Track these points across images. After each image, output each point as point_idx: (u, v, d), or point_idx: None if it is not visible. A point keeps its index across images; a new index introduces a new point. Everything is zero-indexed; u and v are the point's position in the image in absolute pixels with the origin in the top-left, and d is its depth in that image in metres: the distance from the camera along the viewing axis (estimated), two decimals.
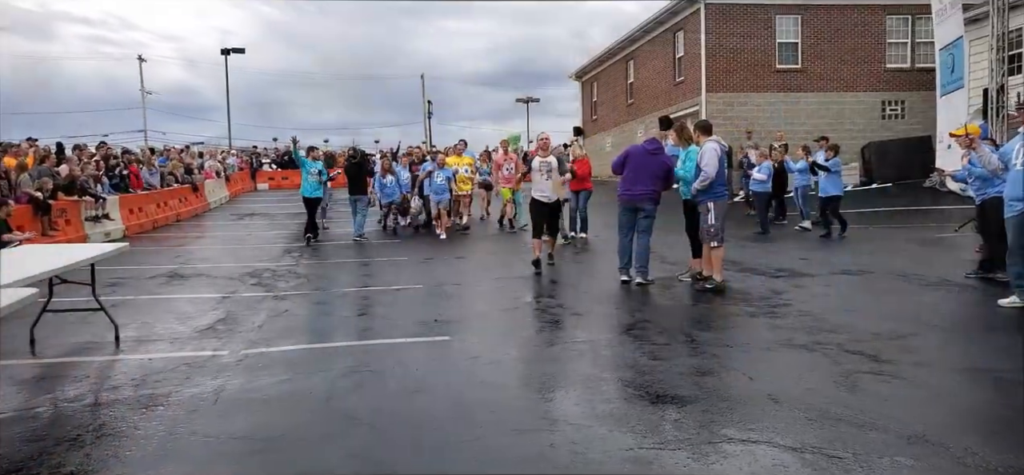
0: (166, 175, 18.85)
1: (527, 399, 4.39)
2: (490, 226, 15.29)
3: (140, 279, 9.08)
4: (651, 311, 6.86)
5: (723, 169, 7.75)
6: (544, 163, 9.35)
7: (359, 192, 13.47)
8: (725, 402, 4.24)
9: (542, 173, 9.30)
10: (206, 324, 6.52)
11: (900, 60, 23.53)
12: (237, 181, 27.60)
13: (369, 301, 7.62)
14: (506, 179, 14.50)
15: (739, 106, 22.24)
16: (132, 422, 4.07)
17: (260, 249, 12.25)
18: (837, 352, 5.27)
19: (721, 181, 7.72)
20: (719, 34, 22.29)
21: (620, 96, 30.43)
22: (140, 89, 43.69)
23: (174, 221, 17.31)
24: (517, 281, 8.67)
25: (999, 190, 7.55)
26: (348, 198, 13.67)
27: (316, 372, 4.99)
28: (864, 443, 3.62)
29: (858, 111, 23.19)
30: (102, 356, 5.55)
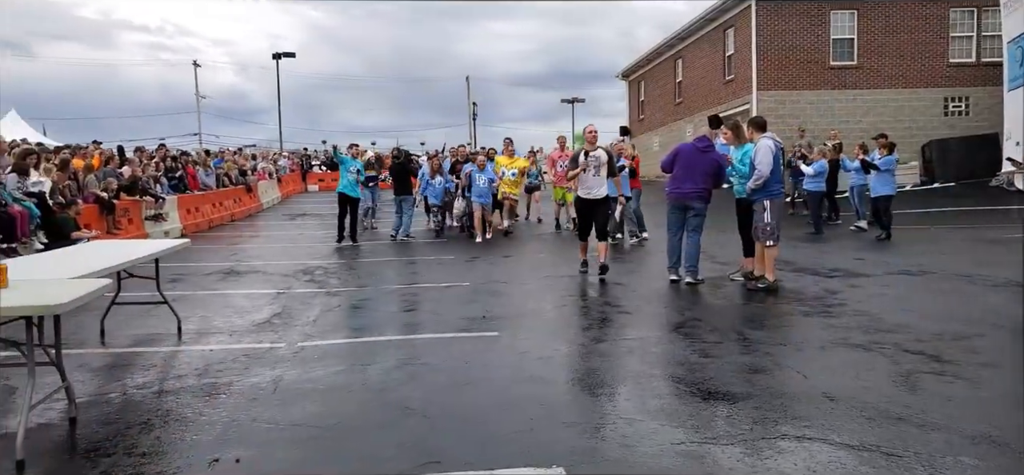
0: (221, 176, 19.41)
1: (576, 394, 4.40)
2: (535, 228, 15.14)
3: (198, 275, 9.39)
4: (701, 310, 6.79)
5: (779, 167, 7.63)
6: (593, 157, 8.39)
7: (404, 192, 13.64)
8: (779, 400, 4.18)
9: (590, 169, 8.36)
10: (263, 318, 6.71)
11: (964, 54, 22.67)
12: (288, 182, 28.26)
13: (417, 298, 7.73)
14: (560, 178, 13.77)
15: (791, 104, 21.79)
16: (197, 409, 4.22)
17: (312, 248, 12.52)
18: (895, 352, 5.14)
19: (776, 179, 7.60)
20: (770, 31, 21.87)
21: (668, 95, 30.12)
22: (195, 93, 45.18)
23: (229, 221, 17.82)
24: (563, 279, 8.68)
25: None
26: (393, 198, 13.84)
27: (369, 364, 5.10)
28: (925, 443, 3.53)
29: (918, 109, 22.46)
30: (166, 347, 5.77)
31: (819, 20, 22.02)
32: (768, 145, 7.51)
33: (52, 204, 11.18)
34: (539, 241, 13.11)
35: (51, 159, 13.17)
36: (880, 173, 11.92)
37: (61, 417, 4.11)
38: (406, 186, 13.76)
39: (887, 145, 12.40)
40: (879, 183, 11.95)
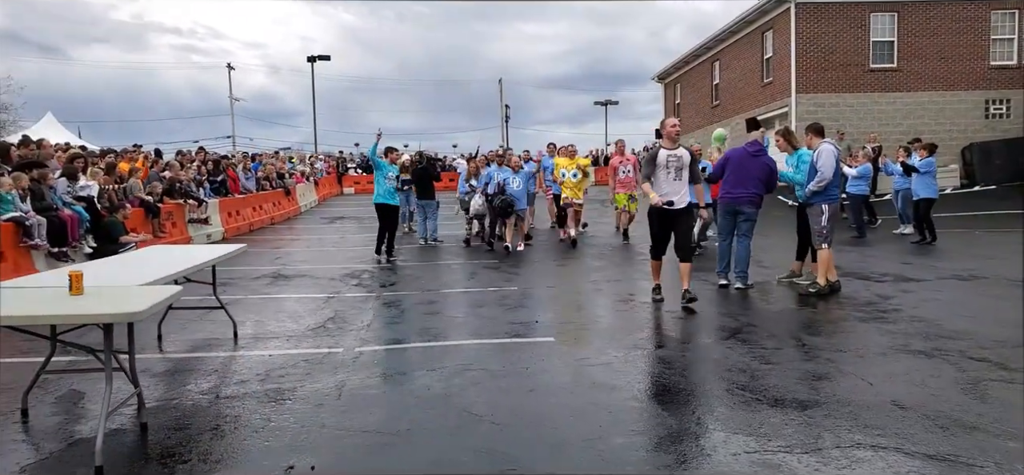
0: (261, 180, 19.70)
1: (640, 400, 4.40)
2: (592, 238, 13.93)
3: (246, 279, 9.54)
4: (756, 315, 6.74)
5: (838, 171, 7.65)
6: (672, 157, 7.07)
7: (428, 197, 13.58)
8: (847, 407, 4.14)
9: (669, 171, 7.04)
10: (317, 323, 6.80)
11: (1006, 57, 22.25)
12: (324, 185, 28.57)
13: (469, 301, 7.77)
14: (622, 183, 13.04)
15: (830, 107, 21.51)
16: (264, 415, 4.30)
17: (354, 251, 12.64)
18: (960, 358, 5.06)
19: (835, 184, 7.62)
20: (810, 34, 21.63)
21: (705, 98, 29.91)
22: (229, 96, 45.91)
23: (268, 224, 18.08)
24: (616, 283, 8.66)
25: None
26: (417, 203, 13.81)
27: (429, 369, 5.14)
28: (1005, 452, 3.48)
29: (959, 111, 22.05)
30: (224, 352, 5.87)
31: (859, 23, 21.73)
32: (830, 150, 7.56)
33: (100, 208, 11.44)
34: (600, 254, 12.73)
35: (97, 163, 13.49)
36: (921, 176, 11.75)
37: (132, 423, 4.17)
38: (429, 191, 13.69)
39: (928, 146, 12.22)
40: (921, 186, 11.78)
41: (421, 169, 13.99)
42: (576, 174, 12.82)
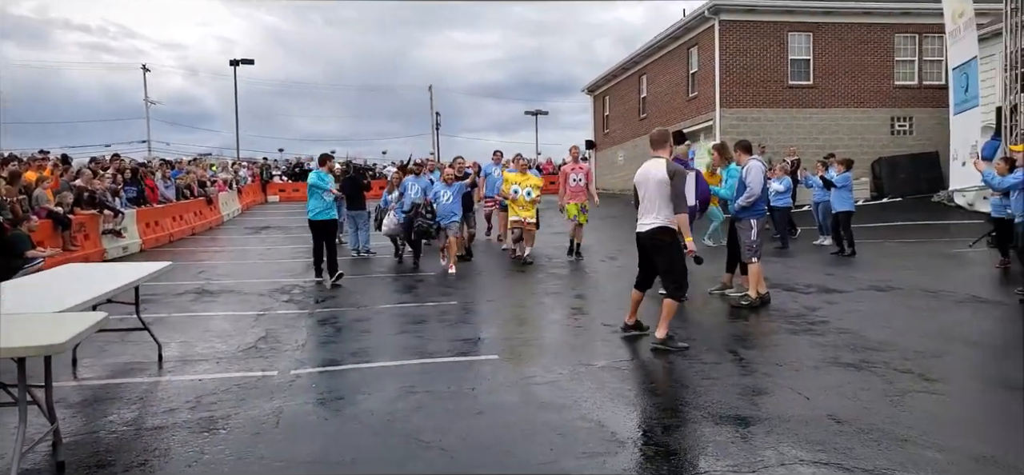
0: (181, 188, 18.89)
1: (589, 420, 4.39)
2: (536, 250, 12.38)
3: (169, 296, 9.09)
4: (693, 328, 6.87)
5: (765, 186, 7.92)
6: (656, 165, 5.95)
7: (358, 207, 13.21)
8: (787, 423, 4.25)
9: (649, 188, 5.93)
10: (248, 343, 6.53)
11: (908, 77, 23.64)
12: (248, 193, 27.66)
13: (408, 318, 7.62)
14: (573, 192, 11.95)
15: (752, 121, 22.29)
16: (197, 447, 4.07)
17: (283, 265, 12.25)
18: (886, 370, 5.29)
19: (763, 198, 7.87)
20: (733, 50, 22.39)
21: (632, 110, 30.54)
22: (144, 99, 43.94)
23: (189, 235, 17.34)
24: (558, 296, 8.68)
25: None
26: (347, 214, 13.30)
27: (372, 392, 5.00)
28: (935, 465, 3.64)
29: (868, 127, 23.27)
30: (148, 377, 5.56)
31: (778, 41, 22.64)
32: (759, 166, 7.79)
33: (2, 220, 10.68)
34: (548, 273, 12.50)
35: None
36: (839, 190, 12.32)
37: (48, 462, 3.86)
38: (359, 201, 13.34)
39: (845, 162, 12.84)
40: (838, 200, 12.34)
41: (350, 178, 13.60)
42: (530, 193, 11.66)
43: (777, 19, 22.52)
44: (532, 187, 11.73)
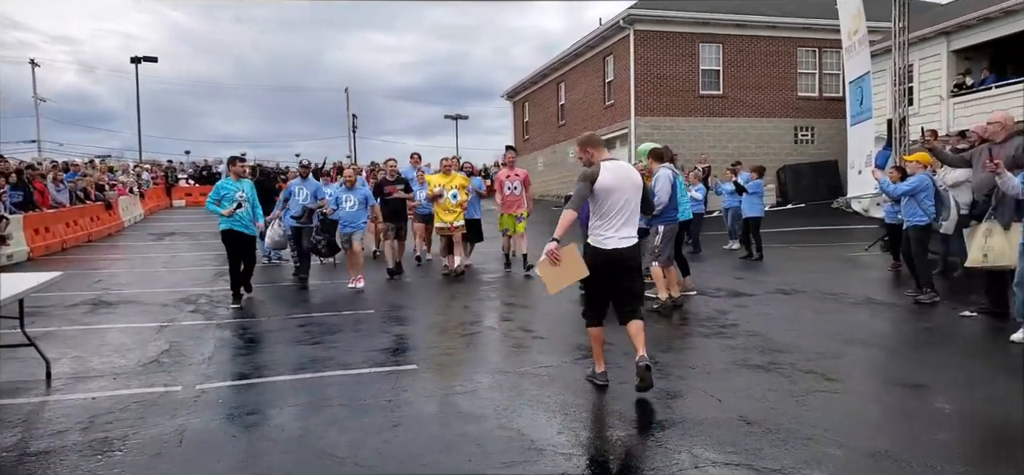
0: (75, 192, 17.77)
1: (508, 429, 4.35)
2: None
3: (60, 307, 8.51)
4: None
5: (675, 195, 8.09)
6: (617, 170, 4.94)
7: (267, 213, 12.75)
8: (700, 425, 4.34)
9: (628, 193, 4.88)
10: (150, 357, 6.17)
11: (810, 89, 24.93)
12: (151, 197, 26.35)
13: (321, 327, 7.40)
14: (508, 201, 11.04)
15: (666, 130, 22.95)
16: (90, 470, 3.80)
17: (188, 272, 11.69)
18: (792, 372, 5.49)
19: (672, 206, 8.03)
20: (647, 60, 23.01)
21: (552, 117, 30.90)
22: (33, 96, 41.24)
23: (86, 242, 16.32)
24: (479, 303, 8.62)
25: (920, 219, 8.16)
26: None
27: (283, 406, 4.81)
28: (837, 462, 3.79)
29: (775, 136, 24.37)
30: (34, 397, 5.15)
31: (690, 51, 23.42)
32: (667, 174, 7.95)
33: None
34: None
35: None
36: (750, 196, 12.81)
37: None
38: (269, 206, 12.84)
39: (757, 169, 13.37)
40: (749, 205, 12.83)
41: (258, 183, 13.13)
42: (455, 195, 10.62)
43: (689, 30, 23.30)
44: (457, 188, 10.71)
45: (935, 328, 7.00)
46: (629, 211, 4.85)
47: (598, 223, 4.83)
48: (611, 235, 4.82)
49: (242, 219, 8.58)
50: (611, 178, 4.79)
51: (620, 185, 4.80)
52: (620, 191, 4.80)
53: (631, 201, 4.86)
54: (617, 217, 4.81)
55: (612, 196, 4.78)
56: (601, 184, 4.76)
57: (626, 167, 4.96)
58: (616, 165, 4.89)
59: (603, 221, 4.81)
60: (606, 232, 4.83)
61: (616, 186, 4.78)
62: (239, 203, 8.47)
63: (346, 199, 9.88)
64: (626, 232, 4.87)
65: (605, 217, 4.80)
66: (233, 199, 8.50)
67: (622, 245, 4.84)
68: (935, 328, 7.00)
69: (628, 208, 4.84)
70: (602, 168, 4.77)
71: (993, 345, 6.31)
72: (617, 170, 4.85)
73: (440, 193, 10.58)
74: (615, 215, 4.80)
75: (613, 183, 4.78)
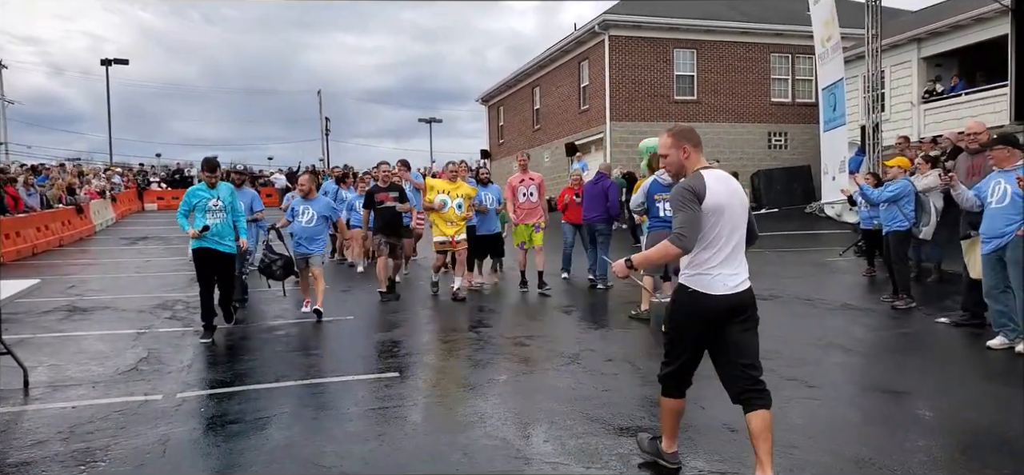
0: (48, 196, 17.44)
1: (494, 437, 4.36)
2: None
3: (34, 314, 8.35)
4: (592, 340, 7.00)
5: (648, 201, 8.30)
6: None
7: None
8: (685, 433, 4.37)
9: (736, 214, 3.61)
10: (128, 365, 6.08)
11: (783, 95, 25.29)
12: (123, 201, 25.93)
13: (303, 334, 7.34)
14: (524, 210, 9.95)
15: (640, 135, 23.07)
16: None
17: (163, 278, 11.52)
18: (774, 378, 5.53)
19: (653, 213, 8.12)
20: (622, 65, 23.16)
21: (527, 122, 30.95)
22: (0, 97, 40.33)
23: (57, 247, 16.01)
24: (462, 308, 8.61)
25: (901, 224, 8.31)
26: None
27: (266, 415, 4.77)
28: (819, 468, 3.86)
29: (749, 141, 24.67)
30: (12, 406, 5.06)
31: (664, 57, 23.63)
32: (645, 183, 8.02)
33: None
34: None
35: None
36: None
37: None
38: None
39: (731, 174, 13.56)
40: None
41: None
42: (460, 205, 9.25)
43: (663, 36, 23.51)
44: (463, 198, 9.29)
45: (912, 334, 7.14)
46: (738, 238, 3.55)
47: (702, 255, 3.48)
48: (721, 272, 3.48)
49: (218, 232, 7.10)
50: (721, 194, 3.45)
51: (730, 202, 3.48)
52: (730, 210, 3.48)
53: (741, 224, 3.56)
54: (725, 246, 3.48)
55: (722, 218, 3.45)
56: (709, 202, 3.41)
57: (728, 177, 3.61)
58: (720, 175, 3.56)
59: (710, 253, 3.47)
60: (713, 269, 3.47)
61: (726, 204, 3.46)
62: (206, 225, 7.03)
63: (302, 211, 8.23)
64: (740, 269, 3.56)
65: (711, 247, 3.47)
66: (206, 208, 7.07)
67: (740, 288, 3.53)
68: (912, 334, 7.14)
69: (738, 234, 3.54)
70: (706, 179, 3.44)
71: (971, 351, 6.45)
72: (725, 183, 3.54)
73: (442, 204, 9.11)
74: (724, 244, 3.47)
75: (723, 200, 3.45)
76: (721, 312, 3.51)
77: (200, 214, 7.06)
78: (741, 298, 3.54)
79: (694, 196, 3.39)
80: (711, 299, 3.48)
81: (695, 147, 3.59)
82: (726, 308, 3.50)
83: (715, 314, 3.51)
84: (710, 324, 3.55)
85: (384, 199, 9.39)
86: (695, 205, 3.38)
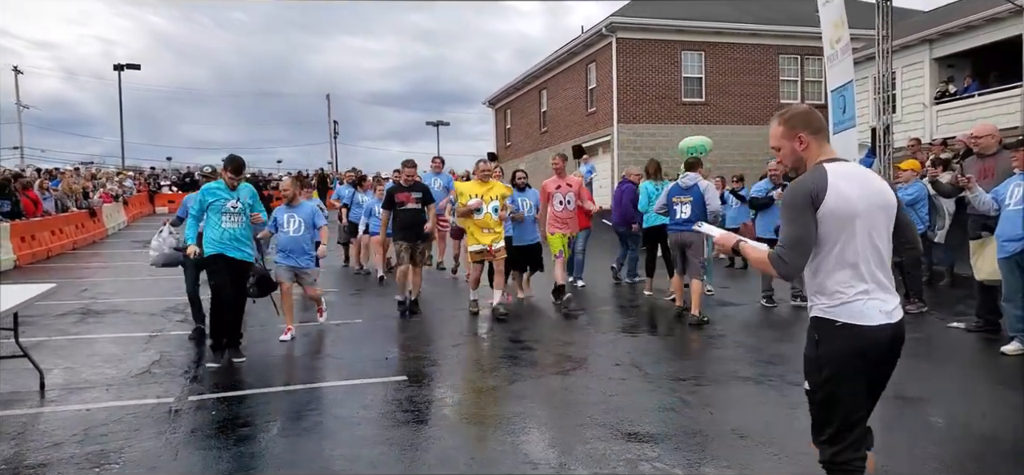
0: (59, 199, 17.61)
1: (502, 442, 4.39)
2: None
3: (49, 317, 8.44)
4: (599, 344, 7.02)
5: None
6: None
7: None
8: (694, 439, 4.40)
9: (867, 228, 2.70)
10: (141, 367, 6.15)
11: (792, 96, 25.17)
12: (135, 204, 26.13)
13: (311, 337, 7.40)
14: (559, 220, 9.07)
15: (648, 137, 23.11)
16: None
17: (174, 281, 11.49)
18: (782, 384, 5.58)
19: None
20: (629, 67, 23.15)
21: (533, 124, 30.98)
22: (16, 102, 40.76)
23: (71, 250, 16.17)
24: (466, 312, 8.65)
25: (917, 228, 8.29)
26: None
27: (277, 418, 4.82)
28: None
29: (757, 143, 24.54)
30: (29, 408, 5.14)
31: (672, 59, 23.60)
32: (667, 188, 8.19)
33: None
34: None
35: None
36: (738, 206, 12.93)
37: None
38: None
39: (738, 177, 13.52)
40: (735, 215, 12.95)
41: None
42: (498, 208, 8.39)
43: (671, 38, 23.48)
44: (498, 200, 8.42)
45: (924, 338, 7.10)
46: (883, 249, 2.69)
47: (839, 275, 2.64)
48: (871, 295, 2.65)
49: (234, 237, 6.35)
50: (851, 193, 2.61)
51: (865, 203, 2.63)
52: (867, 214, 2.64)
53: (884, 231, 2.70)
54: (867, 260, 2.64)
55: (855, 225, 2.62)
56: (833, 206, 2.59)
57: (865, 172, 2.77)
58: (852, 169, 2.75)
59: (848, 271, 2.64)
60: (859, 292, 2.63)
61: (860, 206, 2.61)
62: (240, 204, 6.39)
63: (287, 220, 7.31)
64: (892, 290, 2.72)
65: (847, 263, 2.63)
66: (223, 209, 6.32)
67: (897, 315, 2.69)
68: (924, 338, 7.10)
69: (881, 243, 2.68)
70: (829, 175, 2.62)
71: (984, 356, 6.41)
72: (858, 178, 2.69)
73: (477, 207, 8.29)
74: (863, 258, 2.63)
75: (855, 200, 2.61)
76: (883, 348, 2.67)
77: (215, 215, 6.32)
78: (898, 330, 2.69)
79: (808, 200, 2.59)
80: (869, 331, 2.62)
81: (815, 135, 2.77)
82: (887, 342, 2.66)
83: (877, 351, 2.66)
84: (870, 365, 2.68)
85: (406, 200, 8.52)
86: (808, 214, 2.58)
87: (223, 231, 6.32)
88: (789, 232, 2.62)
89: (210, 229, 6.35)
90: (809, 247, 2.62)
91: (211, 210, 6.36)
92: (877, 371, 2.72)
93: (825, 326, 2.68)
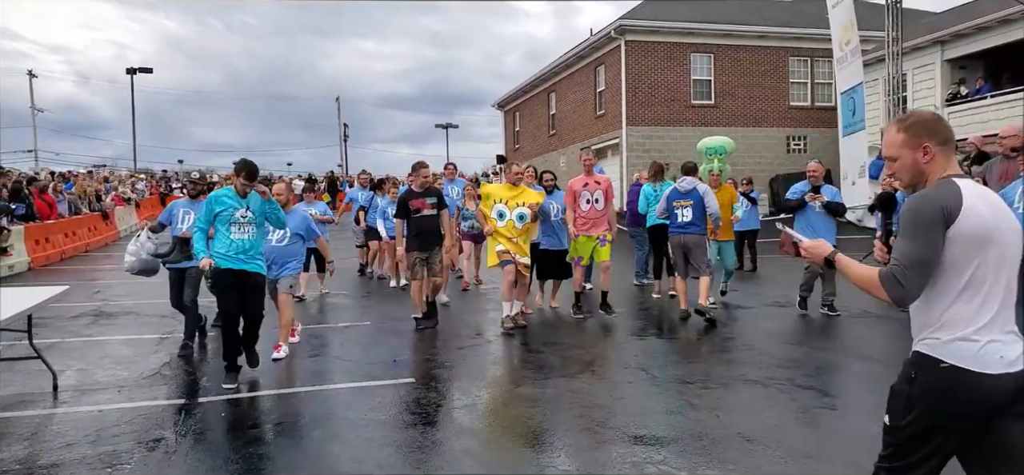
0: (73, 202, 17.78)
1: (511, 446, 4.42)
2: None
3: (62, 319, 8.53)
4: (606, 346, 7.03)
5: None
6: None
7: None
8: (700, 442, 4.41)
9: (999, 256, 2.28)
10: (151, 369, 6.22)
11: (802, 98, 25.12)
12: (146, 207, 26.30)
13: (319, 339, 7.45)
14: (586, 220, 8.26)
15: (657, 139, 23.09)
16: None
17: None
18: (790, 387, 5.57)
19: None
20: (638, 70, 23.15)
21: (542, 126, 31.02)
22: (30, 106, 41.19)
23: (83, 252, 16.33)
24: (473, 315, 8.67)
25: None
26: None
27: (287, 420, 4.86)
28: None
29: (767, 145, 24.53)
30: (42, 409, 5.21)
31: (681, 61, 23.59)
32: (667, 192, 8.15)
33: None
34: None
35: None
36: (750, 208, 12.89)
37: None
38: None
39: (747, 179, 13.48)
40: (745, 217, 12.90)
41: None
42: (523, 216, 7.81)
43: (680, 40, 23.48)
44: (527, 209, 7.83)
45: None
46: (1011, 283, 2.29)
47: (959, 309, 2.26)
48: (993, 338, 2.25)
49: (243, 249, 5.79)
50: (985, 215, 2.24)
51: (998, 228, 2.26)
52: (1000, 241, 2.26)
53: (1014, 261, 2.30)
54: (995, 296, 2.26)
55: (988, 253, 2.24)
56: (966, 227, 2.23)
57: (994, 195, 2.42)
58: (983, 189, 2.37)
59: (972, 307, 2.25)
60: (980, 331, 2.24)
61: (994, 231, 2.24)
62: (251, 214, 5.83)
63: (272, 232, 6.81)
64: (1015, 336, 2.29)
65: (973, 296, 2.25)
66: (231, 219, 5.75)
67: (1017, 365, 2.24)
68: None
69: (1009, 276, 2.28)
70: (963, 191, 2.26)
71: None
72: (994, 201, 2.34)
73: (499, 216, 7.82)
74: (991, 293, 2.25)
75: (990, 224, 2.24)
76: (997, 402, 2.23)
77: (223, 227, 5.73)
78: (1021, 381, 2.24)
79: (939, 216, 2.22)
80: (982, 381, 2.21)
81: (942, 146, 2.37)
82: (1004, 396, 2.22)
83: (988, 405, 2.23)
84: (978, 420, 2.27)
85: (420, 206, 7.80)
86: (937, 231, 2.22)
87: (232, 242, 5.73)
88: (911, 250, 2.24)
89: (218, 242, 5.77)
90: (932, 271, 2.24)
91: (219, 221, 5.77)
92: (987, 427, 2.26)
93: (928, 364, 2.32)
